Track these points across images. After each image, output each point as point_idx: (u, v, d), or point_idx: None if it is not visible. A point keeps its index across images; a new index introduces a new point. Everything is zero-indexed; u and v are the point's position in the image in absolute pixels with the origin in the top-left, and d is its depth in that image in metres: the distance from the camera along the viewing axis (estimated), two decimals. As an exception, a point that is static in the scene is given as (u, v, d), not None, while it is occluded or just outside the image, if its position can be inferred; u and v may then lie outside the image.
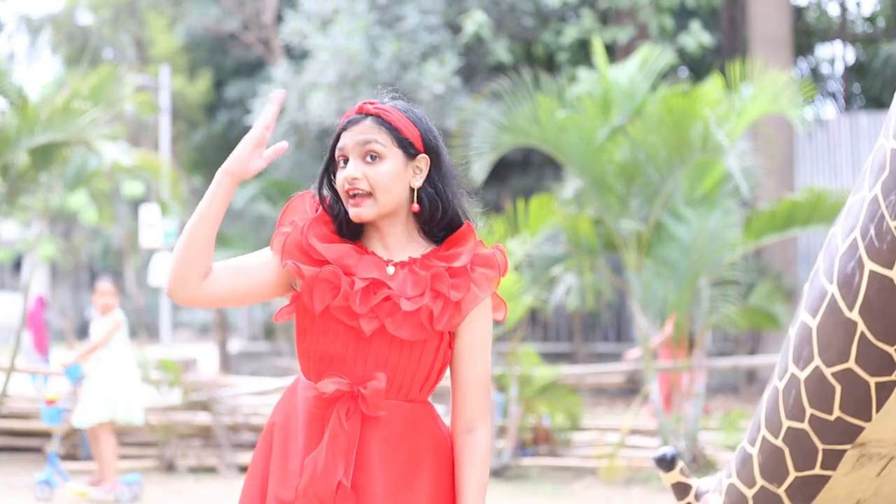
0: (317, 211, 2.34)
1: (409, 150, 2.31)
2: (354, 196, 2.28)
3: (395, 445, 2.26)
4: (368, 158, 2.29)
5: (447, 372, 2.38)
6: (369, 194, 2.27)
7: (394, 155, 2.29)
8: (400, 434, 2.26)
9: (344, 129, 2.32)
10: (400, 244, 2.33)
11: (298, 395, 2.32)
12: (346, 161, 2.31)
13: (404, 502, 2.25)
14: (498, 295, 2.38)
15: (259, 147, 2.25)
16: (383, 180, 2.27)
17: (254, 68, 18.59)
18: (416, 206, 2.31)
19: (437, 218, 2.33)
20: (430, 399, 2.39)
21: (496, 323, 8.55)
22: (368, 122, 2.31)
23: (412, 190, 2.32)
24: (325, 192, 2.36)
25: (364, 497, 2.23)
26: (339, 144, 2.32)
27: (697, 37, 13.79)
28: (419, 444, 2.28)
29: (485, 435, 2.32)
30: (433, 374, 2.30)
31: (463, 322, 2.30)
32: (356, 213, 2.28)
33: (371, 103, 2.35)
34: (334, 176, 2.34)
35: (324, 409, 2.26)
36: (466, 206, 2.39)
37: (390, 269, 2.29)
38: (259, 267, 2.29)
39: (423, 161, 2.33)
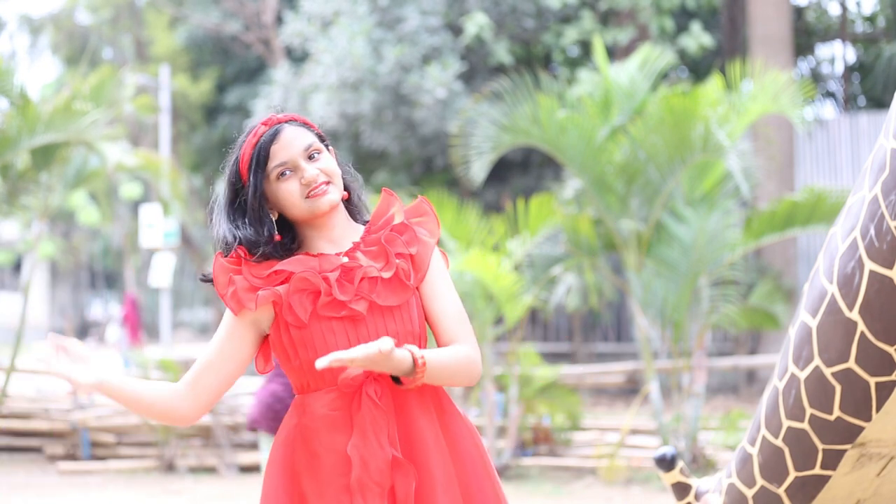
0: (237, 262, 2.35)
1: (324, 143, 2.43)
2: (317, 188, 2.34)
3: (428, 412, 2.31)
4: (310, 157, 2.37)
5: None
6: (328, 182, 2.36)
7: (323, 149, 2.41)
8: (427, 398, 2.33)
9: (270, 143, 2.36)
10: (343, 234, 2.42)
11: (310, 411, 2.31)
12: (283, 174, 2.35)
13: (453, 457, 2.31)
14: (440, 249, 2.50)
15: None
16: (334, 167, 2.40)
17: (254, 72, 18.58)
18: (345, 193, 2.44)
19: (358, 199, 2.49)
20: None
21: (496, 323, 8.55)
22: (289, 128, 2.39)
23: None
24: (243, 230, 2.35)
25: (420, 466, 2.26)
26: (280, 160, 2.35)
27: (698, 38, 13.78)
28: (442, 403, 2.36)
29: (468, 349, 2.36)
30: (423, 330, 2.38)
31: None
32: (327, 200, 2.36)
33: (271, 118, 2.41)
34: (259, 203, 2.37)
35: (347, 405, 2.28)
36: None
37: (344, 259, 2.36)
38: (229, 349, 2.35)
39: (332, 152, 2.46)
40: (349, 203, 2.47)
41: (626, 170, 8.24)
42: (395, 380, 2.28)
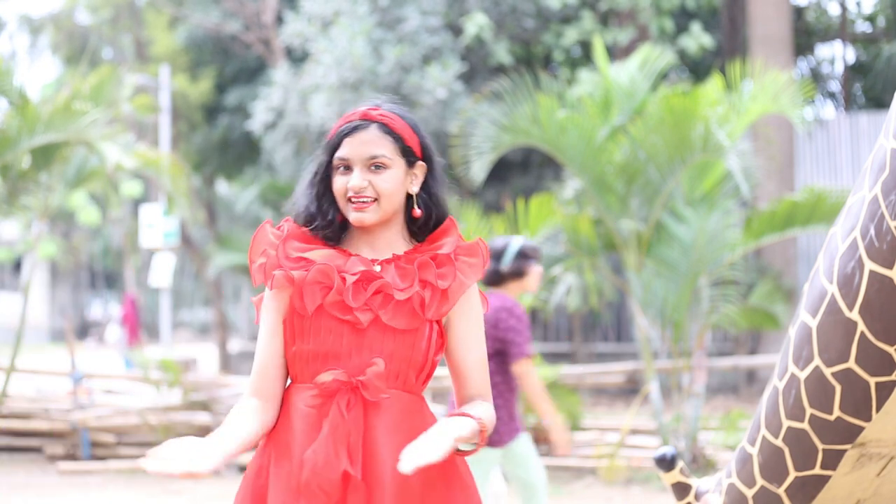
0: (281, 233, 2.36)
1: (410, 158, 2.36)
2: (359, 201, 2.31)
3: (399, 434, 2.26)
4: (373, 167, 2.32)
5: (439, 370, 2.40)
6: (374, 200, 2.31)
7: (397, 164, 2.33)
8: (402, 422, 2.28)
9: (347, 135, 2.33)
10: (387, 244, 2.37)
11: (292, 403, 2.32)
12: (345, 168, 2.33)
13: (415, 490, 2.25)
14: (481, 290, 2.43)
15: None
16: (389, 188, 2.31)
17: (254, 72, 18.58)
18: (418, 212, 2.37)
19: (430, 222, 2.40)
20: (430, 402, 2.40)
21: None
22: (373, 129, 2.33)
23: (408, 195, 2.37)
24: (307, 199, 2.36)
25: (375, 487, 2.23)
26: (342, 153, 2.32)
27: (698, 38, 13.79)
28: (420, 432, 2.27)
29: (488, 405, 2.36)
30: (427, 362, 2.33)
31: (453, 310, 2.35)
32: (359, 217, 2.31)
33: (375, 109, 2.36)
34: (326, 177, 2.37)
35: (322, 405, 2.27)
36: (450, 209, 2.46)
37: (377, 268, 2.33)
38: (277, 344, 2.34)
39: (421, 168, 2.39)
40: (415, 222, 2.39)
41: (626, 170, 8.24)
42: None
